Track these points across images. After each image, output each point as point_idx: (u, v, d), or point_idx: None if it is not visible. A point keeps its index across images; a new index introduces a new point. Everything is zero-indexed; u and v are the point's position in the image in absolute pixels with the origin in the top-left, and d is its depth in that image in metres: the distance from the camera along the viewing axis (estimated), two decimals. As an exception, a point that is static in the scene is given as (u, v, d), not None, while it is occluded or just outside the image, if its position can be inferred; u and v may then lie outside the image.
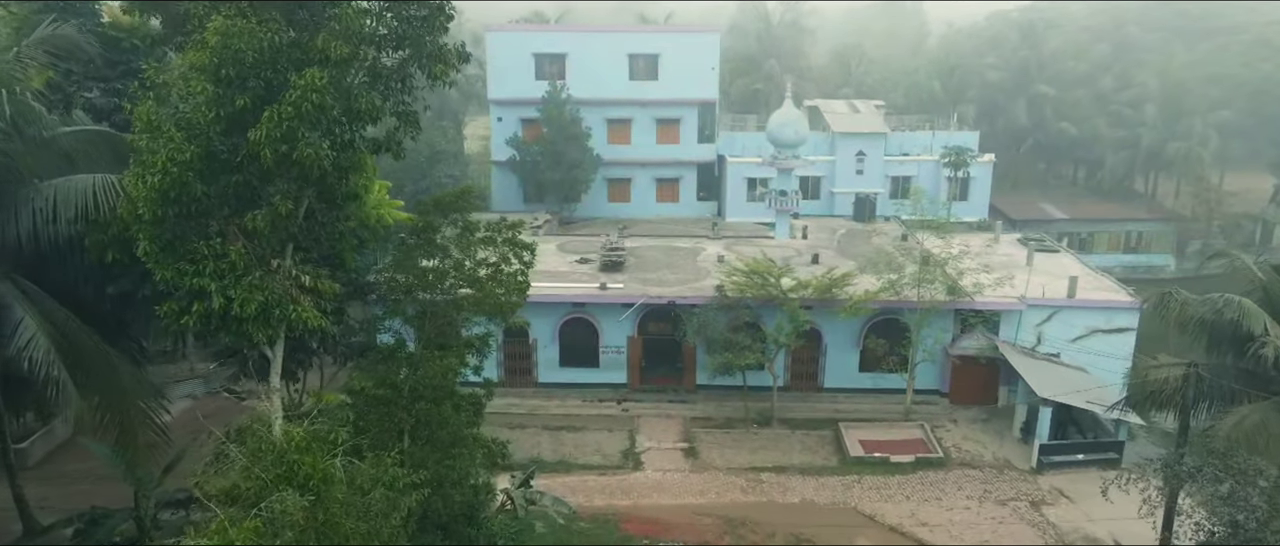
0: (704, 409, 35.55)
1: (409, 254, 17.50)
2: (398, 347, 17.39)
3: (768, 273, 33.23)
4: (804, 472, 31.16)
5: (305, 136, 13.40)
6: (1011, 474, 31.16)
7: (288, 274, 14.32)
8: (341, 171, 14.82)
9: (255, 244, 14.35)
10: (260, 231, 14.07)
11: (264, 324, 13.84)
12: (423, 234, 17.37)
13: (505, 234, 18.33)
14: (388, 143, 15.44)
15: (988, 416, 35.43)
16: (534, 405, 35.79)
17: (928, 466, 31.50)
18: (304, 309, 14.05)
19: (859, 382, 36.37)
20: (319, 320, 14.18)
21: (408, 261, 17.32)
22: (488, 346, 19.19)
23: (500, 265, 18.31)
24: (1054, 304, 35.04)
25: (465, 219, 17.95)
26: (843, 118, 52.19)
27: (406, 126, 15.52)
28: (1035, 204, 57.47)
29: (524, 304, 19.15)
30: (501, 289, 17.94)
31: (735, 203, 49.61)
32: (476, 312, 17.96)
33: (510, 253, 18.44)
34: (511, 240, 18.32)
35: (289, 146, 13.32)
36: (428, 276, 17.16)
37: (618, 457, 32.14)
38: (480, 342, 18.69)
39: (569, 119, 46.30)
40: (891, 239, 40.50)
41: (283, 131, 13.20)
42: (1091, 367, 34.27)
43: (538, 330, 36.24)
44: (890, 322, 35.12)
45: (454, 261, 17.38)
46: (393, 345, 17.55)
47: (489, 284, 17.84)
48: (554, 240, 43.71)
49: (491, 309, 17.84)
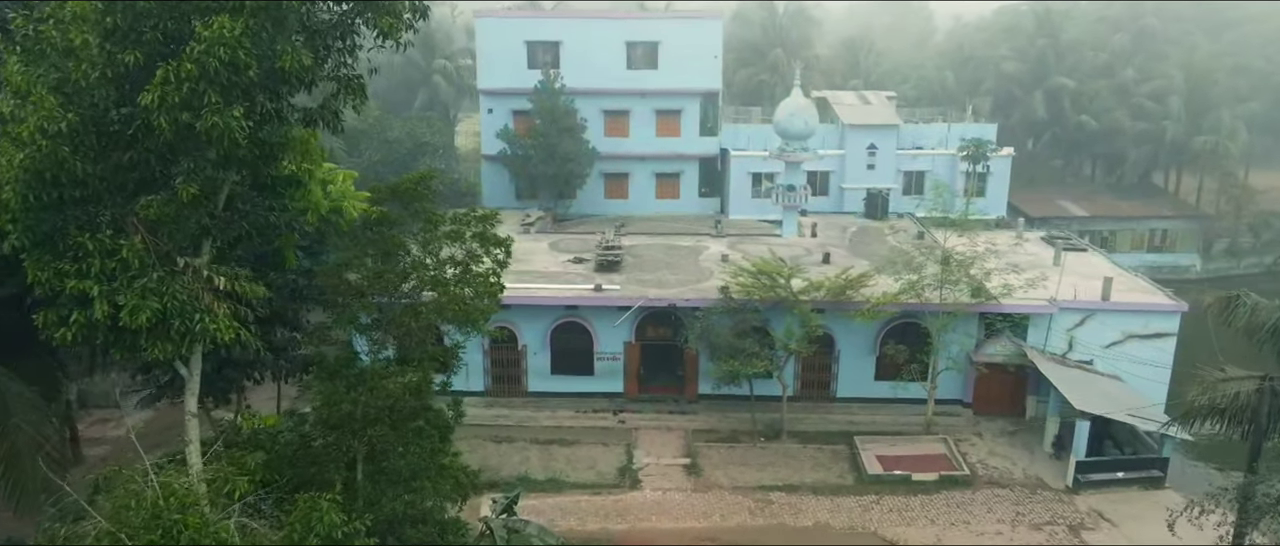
0: (707, 420, 32.83)
1: (362, 251, 14.71)
2: (346, 363, 14.62)
3: (776, 273, 30.47)
4: (817, 492, 28.43)
5: (212, 102, 10.64)
6: (1045, 494, 28.40)
7: (197, 275, 11.53)
8: (265, 148, 12.05)
9: (159, 239, 11.57)
10: (163, 222, 11.30)
11: (161, 337, 11.09)
12: (377, 228, 14.55)
13: (474, 227, 15.50)
14: (321, 112, 12.61)
15: (1015, 429, 32.67)
16: (523, 416, 33.06)
17: (952, 485, 28.76)
18: (215, 319, 11.28)
19: (875, 392, 33.61)
20: (231, 332, 11.40)
21: (359, 260, 14.54)
22: (457, 360, 16.37)
23: (469, 264, 15.49)
24: (1087, 306, 32.27)
25: (428, 209, 15.15)
26: (853, 109, 49.40)
27: (348, 94, 12.72)
28: (1053, 200, 54.70)
29: (497, 309, 16.35)
30: (471, 291, 15.12)
31: (739, 199, 46.82)
32: (440, 319, 15.16)
33: (481, 249, 15.59)
34: (482, 234, 15.50)
35: (191, 115, 10.57)
36: (383, 278, 14.37)
37: (613, 475, 29.43)
38: (446, 356, 15.88)
39: (563, 110, 43.53)
40: (907, 237, 37.74)
41: (182, 95, 10.45)
42: (1126, 376, 31.60)
43: (527, 335, 33.51)
44: (908, 327, 32.39)
45: (414, 259, 14.58)
46: (341, 359, 14.77)
47: (455, 286, 15.02)
48: (546, 238, 40.98)
49: (458, 316, 15.02)
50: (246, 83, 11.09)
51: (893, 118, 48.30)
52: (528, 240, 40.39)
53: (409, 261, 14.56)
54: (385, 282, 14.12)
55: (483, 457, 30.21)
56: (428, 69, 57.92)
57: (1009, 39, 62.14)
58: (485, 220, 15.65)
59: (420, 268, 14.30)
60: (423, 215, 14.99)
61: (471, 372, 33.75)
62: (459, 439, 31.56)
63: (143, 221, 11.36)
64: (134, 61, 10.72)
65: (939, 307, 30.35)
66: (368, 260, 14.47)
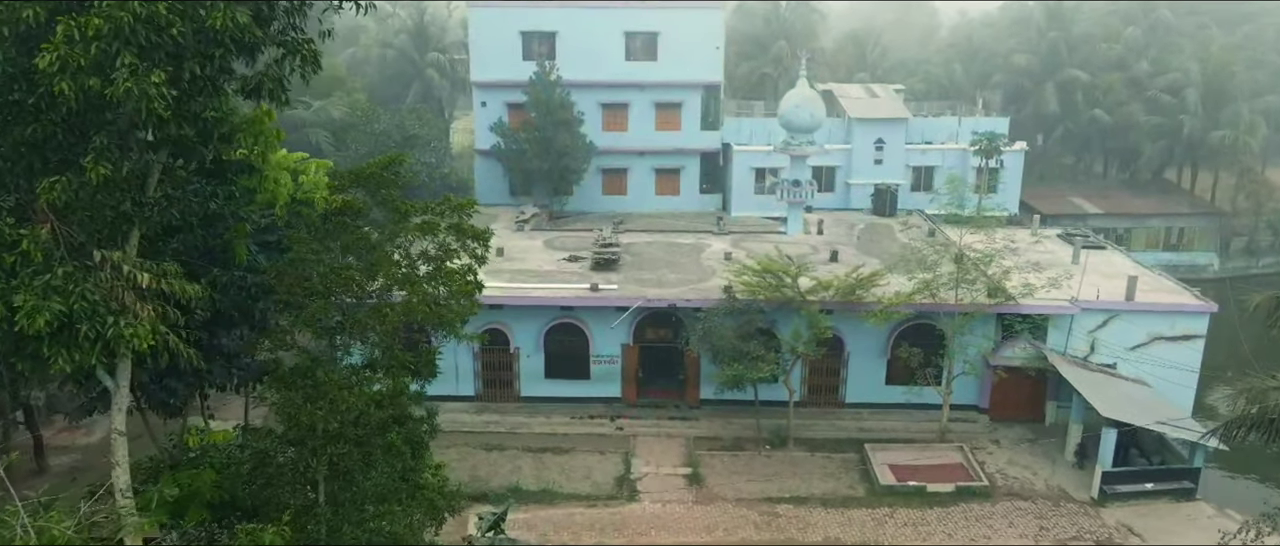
0: (709, 427, 31.10)
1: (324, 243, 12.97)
2: (304, 371, 12.89)
3: (783, 271, 28.76)
4: (827, 504, 26.70)
5: (127, 64, 8.92)
6: (1069, 506, 26.67)
7: (117, 272, 9.80)
8: (201, 125, 10.32)
9: (72, 228, 9.85)
10: (74, 208, 9.58)
11: (67, 344, 9.39)
12: (338, 218, 12.80)
13: (449, 217, 13.74)
14: (264, 80, 10.86)
15: (1034, 436, 30.94)
16: (515, 423, 31.32)
17: (970, 497, 27.02)
18: (133, 323, 9.56)
19: (886, 397, 31.89)
20: (150, 338, 9.68)
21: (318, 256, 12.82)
22: (433, 365, 14.64)
23: (443, 259, 13.74)
24: (1111, 307, 30.54)
25: (396, 198, 13.40)
26: (859, 103, 47.69)
27: (294, 60, 10.98)
28: (1065, 197, 53.01)
29: (475, 310, 14.59)
30: (445, 290, 13.38)
31: (742, 195, 45.09)
32: (410, 321, 13.41)
33: (456, 242, 13.82)
34: (458, 226, 13.73)
35: (101, 80, 8.86)
36: (344, 275, 12.62)
37: (610, 485, 27.70)
38: (421, 361, 14.14)
39: (558, 102, 41.78)
40: (919, 234, 36.02)
41: (90, 57, 8.74)
42: (1150, 380, 29.90)
43: (520, 337, 31.78)
44: (921, 329, 30.68)
45: (381, 254, 12.85)
46: (298, 367, 13.03)
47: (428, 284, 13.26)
48: (541, 236, 39.24)
49: (430, 317, 13.29)
50: (171, 44, 9.38)
51: (901, 111, 46.58)
52: (522, 238, 38.71)
53: (375, 256, 12.82)
54: (347, 280, 12.38)
55: (472, 467, 28.58)
56: (421, 63, 56.19)
57: (1019, 32, 60.37)
58: (461, 210, 13.89)
59: (387, 263, 12.55)
60: (391, 204, 13.28)
61: (461, 377, 32.12)
62: (447, 446, 30.16)
63: (50, 208, 9.65)
64: (34, 17, 9.02)
65: (955, 308, 28.64)
66: (327, 255, 12.73)
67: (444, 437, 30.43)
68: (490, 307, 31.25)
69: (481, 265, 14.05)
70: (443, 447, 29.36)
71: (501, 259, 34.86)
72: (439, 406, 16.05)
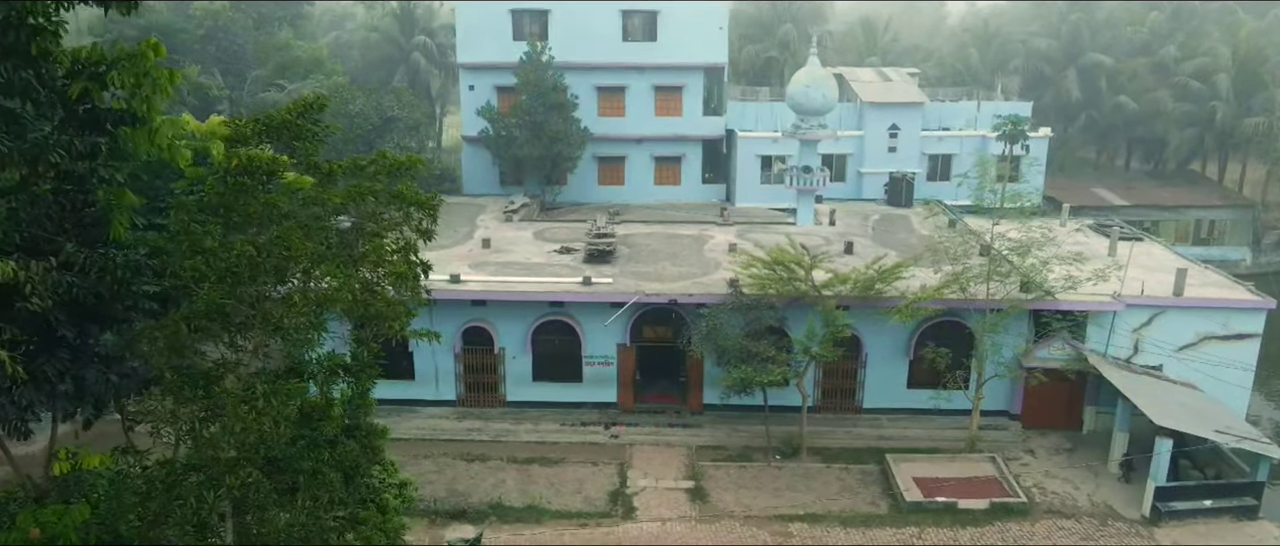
0: (713, 435, 28.26)
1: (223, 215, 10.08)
2: (195, 379, 9.99)
3: (795, 263, 25.87)
4: (846, 523, 23.86)
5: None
6: (1118, 526, 23.81)
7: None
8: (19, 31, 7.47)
9: None
10: None
11: None
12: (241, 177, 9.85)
13: (381, 181, 10.81)
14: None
15: (1072, 446, 28.08)
16: (499, 430, 28.48)
17: (1006, 514, 24.18)
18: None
19: (908, 402, 29.05)
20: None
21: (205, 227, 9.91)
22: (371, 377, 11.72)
23: (380, 235, 10.81)
24: (1158, 303, 27.66)
25: (313, 152, 10.49)
26: (872, 87, 44.78)
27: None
28: (1088, 189, 50.03)
29: (423, 302, 11.65)
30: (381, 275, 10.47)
31: (747, 185, 42.19)
32: (333, 311, 10.46)
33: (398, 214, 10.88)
34: (398, 194, 10.80)
35: None
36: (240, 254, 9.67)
37: (603, 501, 24.88)
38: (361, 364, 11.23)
39: (551, 84, 38.90)
40: (940, 224, 33.11)
41: None
42: (1200, 383, 27.07)
43: (505, 336, 28.91)
44: (945, 327, 27.87)
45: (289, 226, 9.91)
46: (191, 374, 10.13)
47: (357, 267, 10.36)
48: (531, 227, 36.35)
49: (353, 310, 10.37)
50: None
51: (917, 95, 43.67)
52: (510, 229, 35.83)
53: (283, 229, 9.83)
54: (245, 262, 9.48)
55: (450, 480, 25.76)
56: (407, 47, 53.26)
57: (1039, 15, 57.39)
58: (400, 171, 10.94)
59: (297, 238, 9.60)
60: (309, 163, 10.37)
61: (441, 380, 29.29)
62: (422, 457, 27.24)
63: None
64: None
65: (989, 304, 25.77)
66: (218, 227, 9.84)
67: (420, 447, 27.71)
68: (473, 304, 28.50)
69: (427, 241, 11.10)
70: (418, 458, 26.58)
71: (487, 251, 32.06)
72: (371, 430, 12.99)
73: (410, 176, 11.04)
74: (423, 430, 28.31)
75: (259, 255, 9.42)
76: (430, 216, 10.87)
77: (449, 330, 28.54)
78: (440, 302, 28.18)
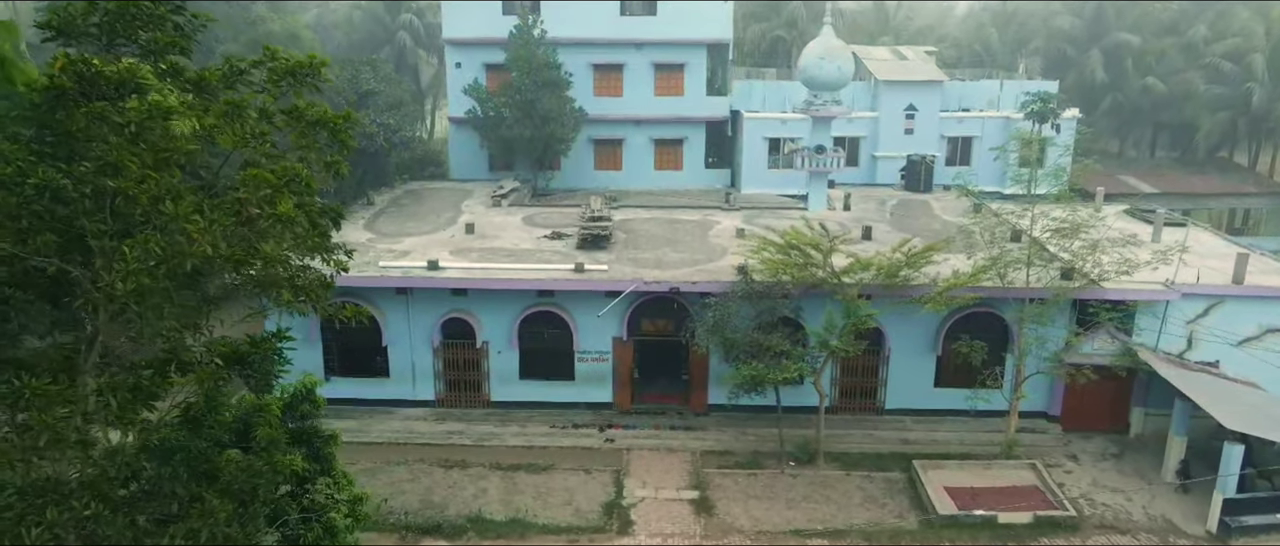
0: (719, 439, 25.45)
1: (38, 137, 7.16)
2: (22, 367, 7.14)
3: (813, 246, 23.02)
4: (871, 538, 21.10)
5: None
6: (1180, 543, 20.97)
7: None
8: None
9: None
10: None
11: None
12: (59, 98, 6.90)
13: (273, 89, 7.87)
14: None
15: (1120, 450, 25.26)
16: (483, 434, 25.65)
17: (1053, 529, 21.37)
18: None
19: (936, 402, 26.25)
20: None
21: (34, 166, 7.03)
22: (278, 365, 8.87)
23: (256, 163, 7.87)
24: (1216, 292, 24.84)
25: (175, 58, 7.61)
26: (887, 65, 41.95)
27: None
28: (1114, 176, 47.06)
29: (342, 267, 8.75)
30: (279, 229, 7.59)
31: (753, 169, 39.33)
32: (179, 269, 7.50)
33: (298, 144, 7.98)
34: (297, 114, 7.88)
35: None
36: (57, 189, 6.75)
37: (596, 514, 22.07)
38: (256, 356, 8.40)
39: (543, 60, 36.04)
40: (964, 205, 30.28)
41: None
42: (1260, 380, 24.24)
43: (489, 329, 26.09)
44: (976, 319, 25.07)
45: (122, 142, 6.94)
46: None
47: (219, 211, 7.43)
48: (521, 212, 33.52)
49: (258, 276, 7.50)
50: None
51: (935, 74, 40.86)
52: (498, 214, 33.02)
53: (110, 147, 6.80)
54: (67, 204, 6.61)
55: (426, 489, 22.95)
56: (392, 25, 50.43)
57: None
58: (296, 77, 7.99)
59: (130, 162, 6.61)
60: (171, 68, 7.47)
61: (419, 377, 26.49)
62: (396, 463, 24.42)
63: None
64: None
65: (1029, 293, 22.94)
66: (30, 160, 6.92)
67: (394, 452, 24.87)
68: (453, 293, 25.68)
69: (338, 178, 8.22)
70: (390, 465, 23.78)
71: (470, 236, 29.26)
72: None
73: (312, 86, 8.17)
74: (397, 433, 25.50)
75: (75, 188, 6.57)
76: (344, 142, 7.98)
77: (427, 323, 25.78)
78: (417, 292, 25.49)
